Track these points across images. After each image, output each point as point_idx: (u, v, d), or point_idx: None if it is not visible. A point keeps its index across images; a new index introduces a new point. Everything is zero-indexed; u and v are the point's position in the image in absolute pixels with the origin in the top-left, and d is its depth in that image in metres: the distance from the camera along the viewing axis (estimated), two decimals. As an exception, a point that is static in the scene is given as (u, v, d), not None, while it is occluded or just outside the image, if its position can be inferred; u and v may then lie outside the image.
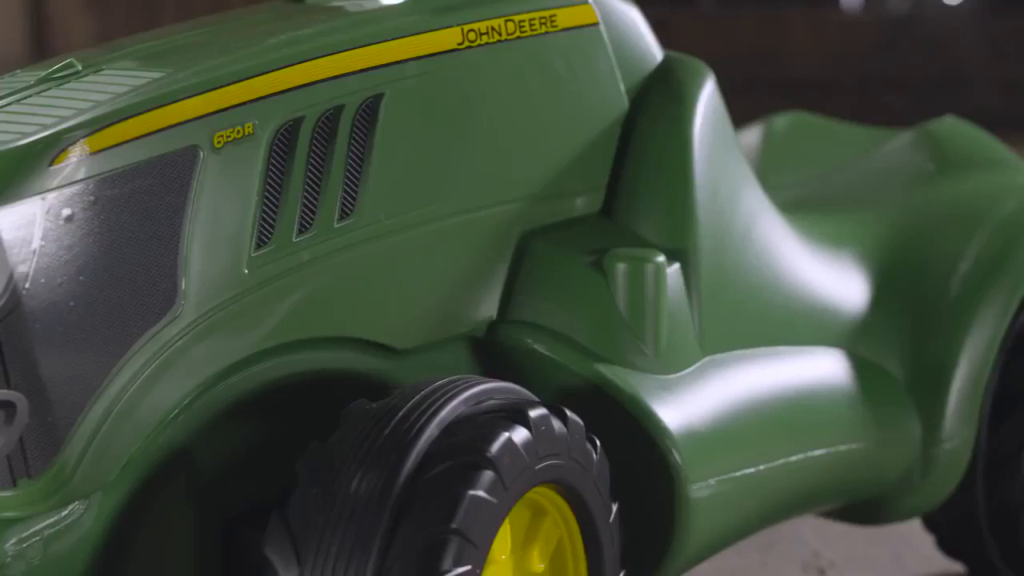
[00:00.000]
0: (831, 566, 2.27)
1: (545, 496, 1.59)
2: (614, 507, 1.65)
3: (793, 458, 1.84)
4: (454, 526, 1.44)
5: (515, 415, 1.52)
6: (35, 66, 1.73)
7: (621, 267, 1.74)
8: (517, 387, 1.59)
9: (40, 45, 6.82)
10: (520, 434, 1.51)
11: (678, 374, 1.77)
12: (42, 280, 1.45)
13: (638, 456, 1.71)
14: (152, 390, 1.52)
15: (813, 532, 2.36)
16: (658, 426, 1.70)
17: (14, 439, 1.47)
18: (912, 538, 2.32)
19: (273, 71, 1.57)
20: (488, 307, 1.75)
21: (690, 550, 1.76)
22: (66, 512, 1.52)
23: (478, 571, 1.47)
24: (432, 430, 1.49)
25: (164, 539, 1.58)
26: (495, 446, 1.48)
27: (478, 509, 1.46)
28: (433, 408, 1.50)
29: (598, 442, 1.62)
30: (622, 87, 1.83)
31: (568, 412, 1.58)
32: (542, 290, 1.76)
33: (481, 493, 1.46)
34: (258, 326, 1.58)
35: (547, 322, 1.75)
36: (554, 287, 1.76)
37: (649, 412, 1.71)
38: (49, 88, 1.60)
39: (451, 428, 1.50)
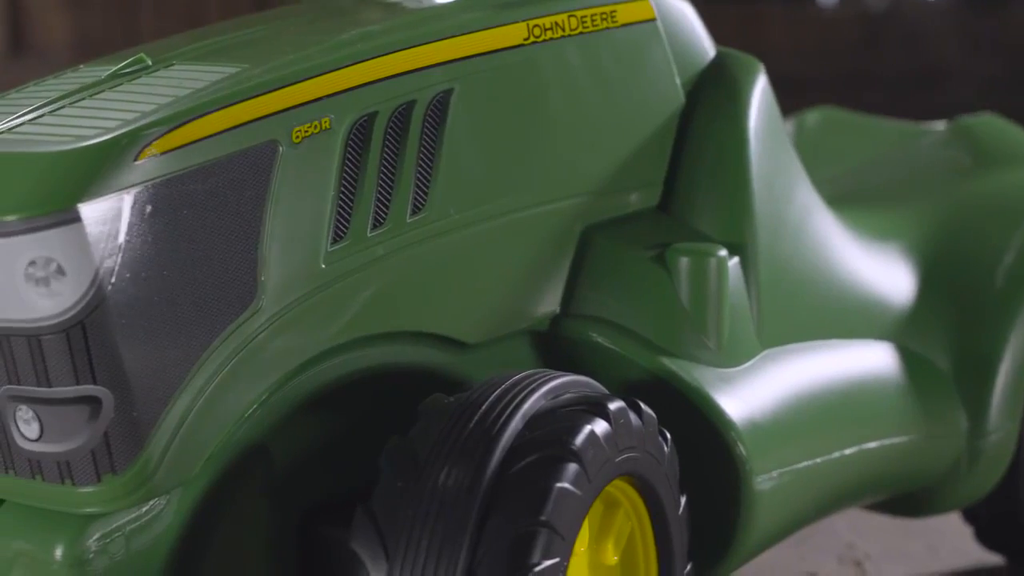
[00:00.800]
0: (867, 558, 2.28)
1: (620, 489, 1.60)
2: (683, 500, 1.66)
3: (848, 451, 1.86)
4: (543, 518, 1.44)
5: (596, 408, 1.53)
6: (98, 61, 1.73)
7: (684, 261, 1.75)
8: (591, 380, 1.60)
9: (18, 43, 6.79)
10: (601, 427, 1.51)
11: (739, 367, 1.78)
12: (127, 275, 1.45)
13: (702, 449, 1.72)
14: (233, 385, 1.52)
15: (847, 524, 2.37)
16: (723, 419, 1.71)
17: (99, 435, 1.47)
18: (946, 531, 2.34)
19: (348, 66, 1.58)
20: (551, 301, 1.76)
21: (752, 543, 1.77)
22: (148, 508, 1.52)
23: (565, 563, 1.47)
24: (516, 423, 1.50)
25: (240, 534, 1.58)
26: (579, 439, 1.49)
27: (565, 501, 1.46)
28: (515, 402, 1.51)
29: (668, 435, 1.63)
30: (678, 82, 1.84)
31: (642, 405, 1.59)
32: (605, 284, 1.77)
33: (568, 486, 1.47)
34: (334, 321, 1.59)
35: (610, 316, 1.76)
36: (617, 281, 1.76)
37: (714, 405, 1.72)
38: (121, 83, 1.60)
39: (534, 421, 1.51)
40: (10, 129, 1.54)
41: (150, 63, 1.63)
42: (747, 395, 1.76)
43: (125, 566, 1.52)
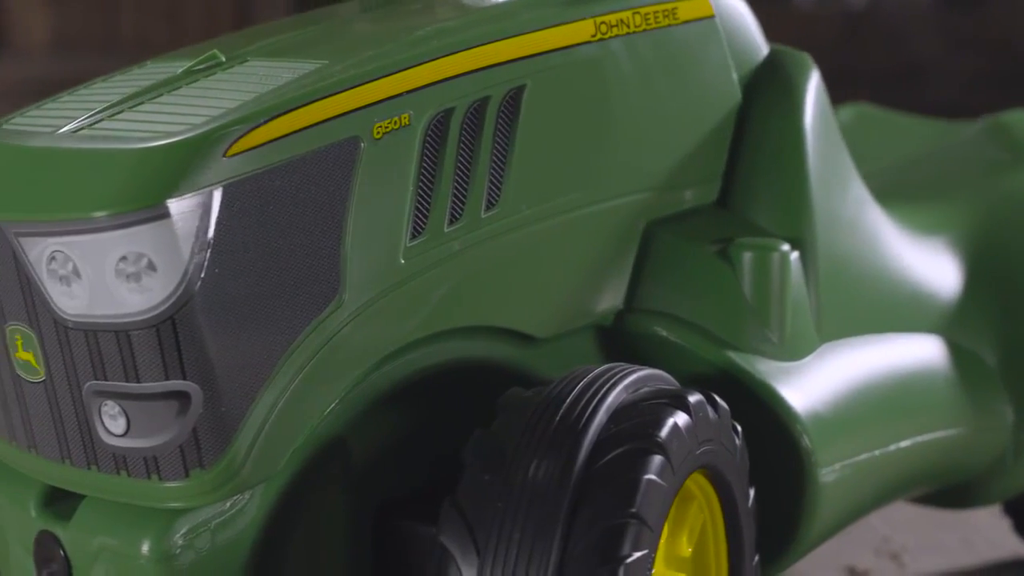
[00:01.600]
0: (904, 550, 2.30)
1: (695, 482, 1.61)
2: (751, 492, 1.67)
3: (903, 443, 1.88)
4: (633, 510, 1.45)
5: (677, 401, 1.54)
6: (165, 57, 1.74)
7: (747, 256, 1.76)
8: (665, 374, 1.62)
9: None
10: (683, 419, 1.53)
11: (800, 361, 1.80)
12: (216, 271, 1.45)
13: (767, 442, 1.74)
14: (317, 380, 1.53)
15: (881, 518, 2.39)
16: (789, 412, 1.73)
17: (188, 430, 1.47)
18: (979, 523, 2.36)
19: (427, 62, 1.59)
20: (616, 296, 1.77)
21: (814, 535, 1.79)
22: (232, 502, 1.53)
23: (653, 555, 1.49)
24: (601, 417, 1.51)
25: (319, 528, 1.59)
26: (664, 431, 1.50)
27: (653, 493, 1.48)
28: (599, 396, 1.52)
29: (739, 428, 1.64)
30: (735, 78, 1.85)
31: (717, 398, 1.60)
32: (669, 279, 1.78)
33: (655, 478, 1.48)
34: (412, 316, 1.60)
35: (674, 310, 1.78)
36: (681, 276, 1.78)
37: (780, 398, 1.73)
38: (197, 80, 1.61)
39: (617, 415, 1.52)
40: (90, 125, 1.54)
41: (223, 59, 1.63)
42: (810, 388, 1.77)
43: (209, 561, 1.52)
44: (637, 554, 1.46)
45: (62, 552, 1.57)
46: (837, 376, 1.81)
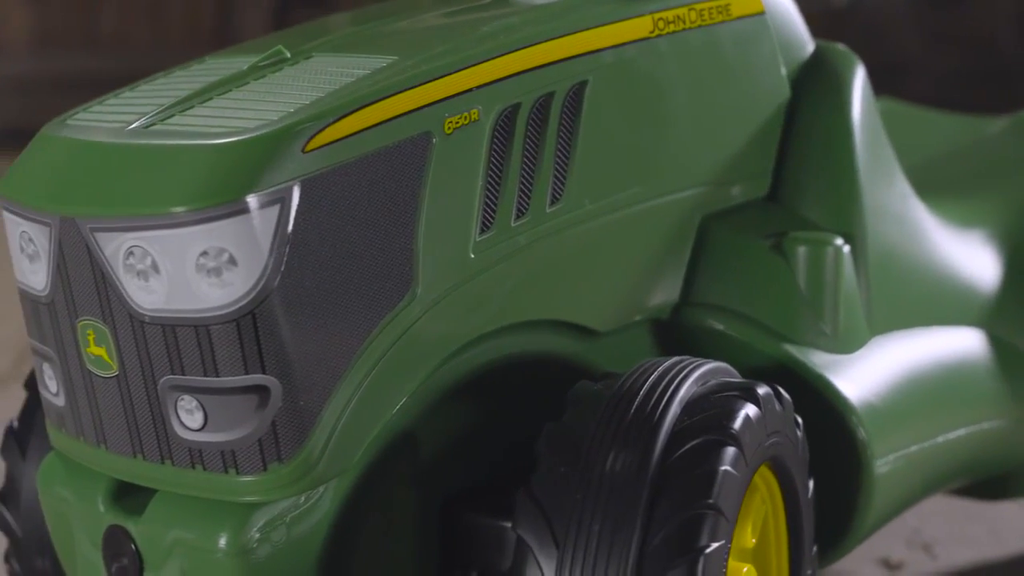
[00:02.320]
0: (935, 542, 2.32)
1: (759, 473, 1.63)
2: (811, 484, 1.69)
3: (950, 435, 1.90)
4: (711, 501, 1.47)
5: (746, 393, 1.56)
6: (225, 52, 1.75)
7: (802, 250, 1.78)
8: (728, 366, 1.63)
9: (-20, 38, 6.73)
10: (753, 411, 1.54)
11: (853, 354, 1.82)
12: (295, 265, 1.46)
13: (823, 434, 1.75)
14: (391, 374, 1.54)
15: (911, 510, 2.40)
16: (845, 404, 1.75)
17: (267, 424, 1.48)
18: (1007, 515, 2.39)
19: (496, 58, 1.60)
20: (672, 290, 1.79)
21: (868, 526, 1.81)
22: (307, 496, 1.53)
23: (728, 545, 1.50)
24: (675, 409, 1.52)
25: (388, 521, 1.60)
26: (738, 423, 1.52)
27: (729, 484, 1.49)
28: (671, 388, 1.54)
29: (800, 420, 1.66)
30: (784, 74, 1.87)
31: (782, 390, 1.61)
32: (724, 273, 1.80)
33: (730, 469, 1.49)
34: (480, 310, 1.61)
35: (730, 304, 1.80)
36: (736, 270, 1.80)
37: (836, 390, 1.75)
38: (264, 75, 1.61)
39: (690, 407, 1.53)
40: (162, 120, 1.55)
41: (288, 55, 1.64)
42: (864, 381, 1.79)
43: (284, 554, 1.53)
44: (715, 544, 1.47)
45: (133, 546, 1.57)
46: (889, 369, 1.83)
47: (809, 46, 1.93)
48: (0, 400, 3.05)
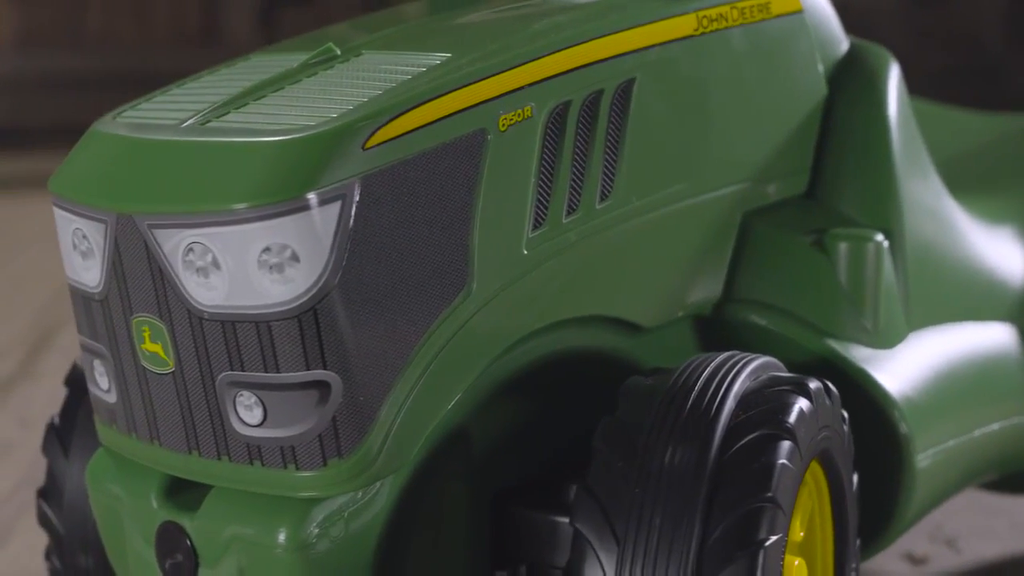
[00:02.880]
0: (958, 536, 2.34)
1: (809, 467, 1.64)
2: (855, 478, 1.70)
3: (986, 429, 1.91)
4: (769, 494, 1.48)
5: (799, 388, 1.57)
6: (271, 49, 1.76)
7: (843, 246, 1.80)
8: (777, 361, 1.64)
9: (-33, 36, 6.72)
10: (807, 405, 1.56)
11: (893, 349, 1.83)
12: (355, 261, 1.47)
13: (864, 428, 1.77)
14: (448, 370, 1.55)
15: (933, 504, 2.43)
16: (887, 398, 1.76)
17: (327, 419, 1.49)
18: (1025, 509, 2.41)
19: (548, 55, 1.61)
20: (715, 286, 1.80)
21: (909, 519, 1.82)
22: (364, 491, 1.54)
23: (785, 538, 1.51)
24: (730, 404, 1.53)
25: (442, 516, 1.61)
26: (793, 417, 1.53)
27: (786, 478, 1.50)
28: (726, 383, 1.55)
29: (846, 414, 1.67)
30: (821, 72, 1.88)
31: (830, 385, 1.63)
32: (765, 269, 1.81)
33: (787, 462, 1.50)
34: (533, 306, 1.62)
35: (772, 299, 1.81)
36: (777, 266, 1.81)
37: (878, 385, 1.77)
38: (316, 72, 1.62)
39: (745, 401, 1.54)
40: (217, 117, 1.55)
41: (338, 52, 1.65)
42: (905, 375, 1.81)
43: (342, 549, 1.54)
44: (773, 537, 1.48)
45: (188, 542, 1.57)
46: (928, 364, 1.85)
47: (844, 44, 1.94)
48: (9, 400, 3.04)
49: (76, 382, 1.87)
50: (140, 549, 1.62)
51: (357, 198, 1.47)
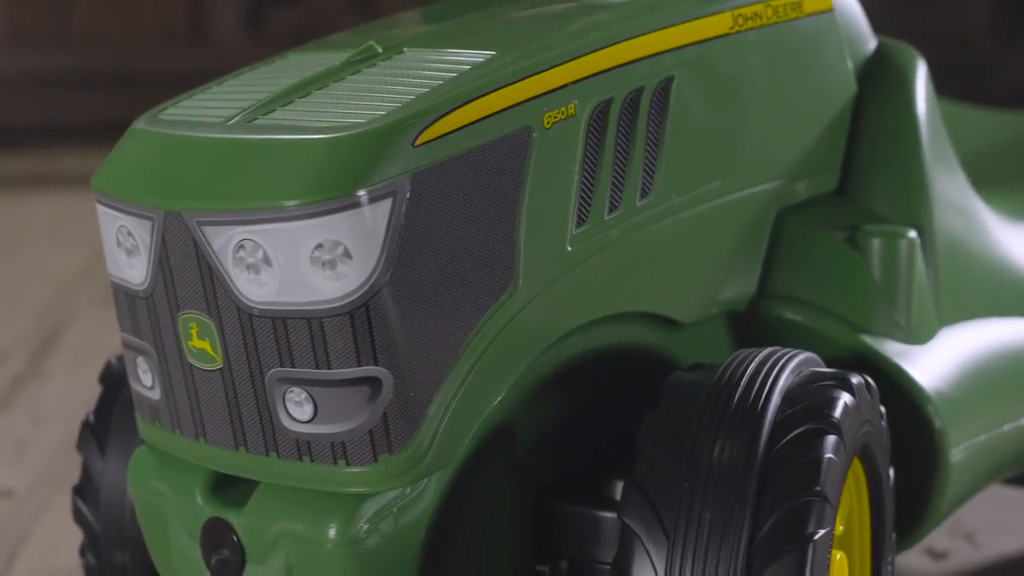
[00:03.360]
0: (977, 531, 2.36)
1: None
2: (892, 472, 1.72)
3: (1015, 424, 1.93)
4: (818, 489, 1.49)
5: (842, 383, 1.58)
6: (307, 48, 1.76)
7: (876, 242, 1.81)
8: (816, 357, 1.66)
9: (-48, 35, 6.70)
10: (850, 400, 1.57)
11: (925, 344, 1.84)
12: (406, 258, 1.48)
13: (899, 423, 1.78)
14: (495, 366, 1.56)
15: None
16: (922, 394, 1.78)
17: (378, 415, 1.50)
18: (1044, 503, 2.43)
19: (590, 53, 1.62)
20: (750, 282, 1.82)
21: (942, 513, 1.83)
22: (413, 487, 1.54)
23: (832, 532, 1.52)
24: (776, 399, 1.54)
25: (485, 511, 1.62)
26: (838, 412, 1.54)
27: (833, 472, 1.51)
28: (771, 378, 1.56)
29: (883, 409, 1.69)
30: (851, 69, 1.90)
31: (870, 380, 1.64)
32: (799, 266, 1.82)
33: (834, 456, 1.52)
34: (576, 303, 1.63)
35: (806, 296, 1.82)
36: (811, 263, 1.82)
37: (912, 380, 1.78)
38: (359, 70, 1.63)
39: (790, 397, 1.56)
40: (264, 114, 1.56)
41: (380, 50, 1.65)
42: (937, 371, 1.82)
43: (390, 545, 1.54)
44: (822, 531, 1.49)
45: (235, 538, 1.58)
46: (959, 359, 1.87)
47: (872, 42, 1.96)
48: (20, 399, 3.04)
49: (111, 379, 1.88)
50: (185, 545, 1.63)
51: (407, 195, 1.47)
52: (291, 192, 1.46)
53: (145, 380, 1.63)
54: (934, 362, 1.83)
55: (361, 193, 1.45)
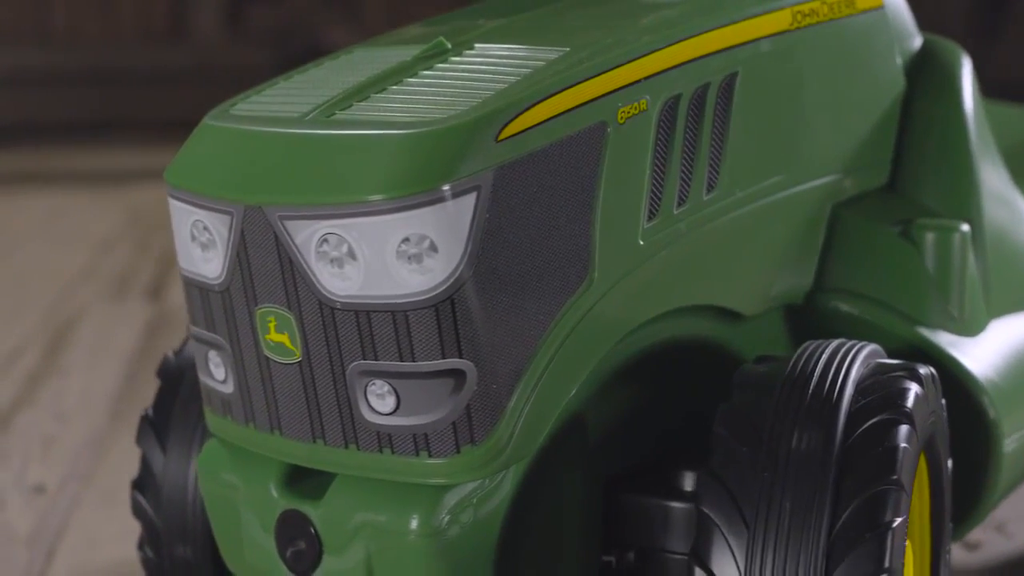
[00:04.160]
0: (1008, 522, 2.39)
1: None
2: (950, 462, 1.74)
3: (1059, 415, 1.96)
4: (895, 477, 1.52)
5: (911, 374, 1.61)
6: (371, 43, 1.78)
7: (930, 236, 1.84)
8: (880, 348, 1.68)
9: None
10: (919, 391, 1.59)
11: (977, 336, 1.87)
12: (489, 251, 1.50)
13: (953, 414, 1.81)
14: (572, 358, 1.58)
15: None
16: (976, 384, 1.81)
17: (462, 407, 1.51)
18: (1072, 495, 2.45)
19: (661, 49, 1.64)
20: (807, 275, 1.84)
21: (993, 502, 1.86)
22: (491, 478, 1.56)
23: (907, 519, 1.55)
24: (850, 390, 1.57)
25: (559, 501, 1.63)
26: (910, 401, 1.57)
27: (908, 461, 1.54)
28: (844, 370, 1.58)
29: (944, 401, 1.71)
30: (900, 65, 1.93)
31: (933, 371, 1.66)
32: (855, 259, 1.85)
33: (908, 446, 1.54)
34: (647, 296, 1.65)
35: (861, 289, 1.85)
36: (866, 256, 1.85)
37: (967, 371, 1.81)
38: (432, 65, 1.64)
39: (863, 387, 1.58)
40: (341, 109, 1.57)
41: (450, 46, 1.67)
42: (991, 361, 1.85)
43: (469, 535, 1.56)
44: (899, 519, 1.52)
45: (312, 530, 1.59)
46: (1010, 349, 1.90)
47: (918, 39, 1.99)
48: (41, 395, 3.04)
49: (169, 374, 1.89)
50: (258, 538, 1.64)
51: (490, 189, 1.49)
52: (377, 186, 1.48)
53: (217, 374, 1.64)
54: (986, 353, 1.86)
55: (447, 187, 1.47)
